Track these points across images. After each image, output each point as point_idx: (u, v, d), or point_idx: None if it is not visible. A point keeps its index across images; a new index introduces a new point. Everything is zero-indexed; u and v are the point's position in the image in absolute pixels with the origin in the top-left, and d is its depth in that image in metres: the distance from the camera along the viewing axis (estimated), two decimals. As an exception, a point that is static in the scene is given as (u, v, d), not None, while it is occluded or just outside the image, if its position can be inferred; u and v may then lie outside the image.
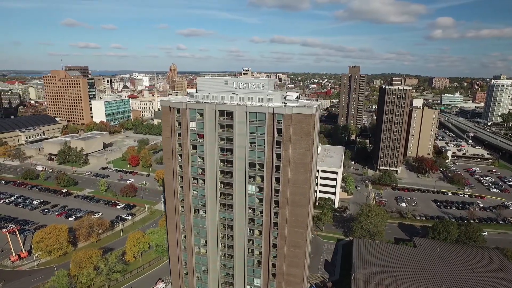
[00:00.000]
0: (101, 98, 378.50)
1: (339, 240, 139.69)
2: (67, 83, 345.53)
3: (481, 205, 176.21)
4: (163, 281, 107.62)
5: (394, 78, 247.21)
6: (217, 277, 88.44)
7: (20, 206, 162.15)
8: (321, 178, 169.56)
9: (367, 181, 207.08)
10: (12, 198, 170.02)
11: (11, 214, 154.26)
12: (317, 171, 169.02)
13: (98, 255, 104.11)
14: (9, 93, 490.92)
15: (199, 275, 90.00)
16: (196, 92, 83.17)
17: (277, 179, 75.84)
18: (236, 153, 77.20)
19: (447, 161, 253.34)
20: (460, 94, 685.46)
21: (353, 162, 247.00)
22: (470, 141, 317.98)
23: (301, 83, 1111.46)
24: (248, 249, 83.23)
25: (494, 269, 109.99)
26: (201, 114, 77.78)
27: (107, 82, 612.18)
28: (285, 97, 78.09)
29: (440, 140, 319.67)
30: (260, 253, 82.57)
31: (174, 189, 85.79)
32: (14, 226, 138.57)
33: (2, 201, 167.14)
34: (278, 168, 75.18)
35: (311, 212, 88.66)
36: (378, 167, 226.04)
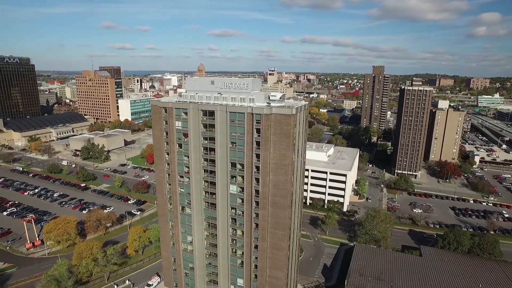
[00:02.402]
0: (128, 97, 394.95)
1: (343, 245, 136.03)
2: (97, 83, 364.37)
3: (506, 215, 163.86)
4: (159, 276, 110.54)
5: (414, 78, 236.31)
6: (204, 275, 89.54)
7: (42, 198, 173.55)
8: (330, 180, 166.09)
9: (381, 185, 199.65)
10: (36, 190, 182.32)
11: (33, 204, 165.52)
12: (326, 173, 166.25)
13: (98, 247, 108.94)
14: (47, 92, 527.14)
15: (186, 272, 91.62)
16: (186, 92, 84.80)
17: (258, 180, 75.45)
18: (218, 153, 77.79)
19: (474, 166, 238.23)
20: (500, 95, 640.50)
21: (370, 165, 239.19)
22: (504, 146, 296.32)
23: (330, 83, 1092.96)
24: (232, 248, 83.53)
25: (507, 285, 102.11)
26: (186, 113, 79.17)
27: (137, 82, 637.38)
28: (269, 97, 77.54)
29: (469, 144, 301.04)
30: (243, 253, 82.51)
31: (163, 186, 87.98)
32: (33, 215, 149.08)
33: (27, 193, 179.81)
34: (258, 168, 74.79)
35: (298, 215, 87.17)
36: (395, 170, 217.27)
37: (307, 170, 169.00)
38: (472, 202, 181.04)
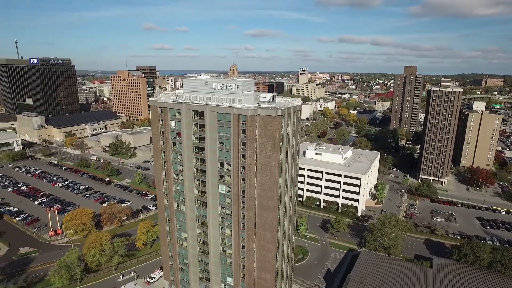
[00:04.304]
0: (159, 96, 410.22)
1: (351, 250, 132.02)
2: (129, 82, 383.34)
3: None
4: (162, 270, 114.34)
5: (443, 79, 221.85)
6: (197, 271, 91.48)
7: (69, 190, 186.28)
8: (344, 183, 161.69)
9: (402, 191, 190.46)
10: (66, 183, 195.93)
11: (61, 196, 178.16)
12: (340, 176, 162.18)
13: (107, 238, 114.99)
14: (87, 91, 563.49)
15: (182, 267, 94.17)
16: (183, 92, 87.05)
17: (244, 180, 75.71)
18: (208, 152, 79.15)
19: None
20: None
21: (394, 169, 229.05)
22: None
23: (365, 84, 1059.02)
24: (221, 247, 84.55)
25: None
26: (179, 113, 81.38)
27: (171, 81, 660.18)
28: (259, 98, 77.46)
29: (510, 150, 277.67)
30: (231, 253, 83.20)
31: (161, 183, 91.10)
32: (58, 206, 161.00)
33: (57, 184, 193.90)
34: (245, 169, 75.05)
35: (290, 217, 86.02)
36: (420, 176, 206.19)
37: (321, 172, 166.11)
38: (503, 213, 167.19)
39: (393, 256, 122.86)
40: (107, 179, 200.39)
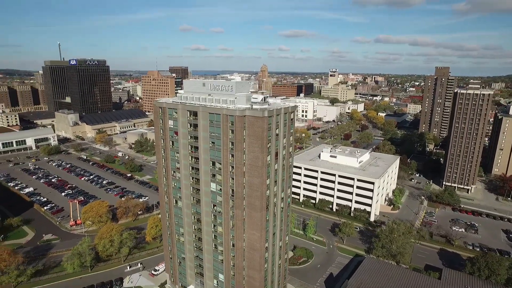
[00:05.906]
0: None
1: (357, 256, 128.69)
2: (159, 82, 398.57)
3: None
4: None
5: (471, 81, 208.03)
6: (193, 266, 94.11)
7: (93, 184, 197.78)
8: (357, 187, 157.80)
9: (422, 197, 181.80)
10: (91, 177, 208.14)
11: (85, 189, 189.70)
12: (353, 179, 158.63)
13: (117, 230, 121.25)
14: (121, 90, 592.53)
15: (180, 261, 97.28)
16: (184, 93, 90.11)
17: (234, 180, 76.95)
18: (201, 151, 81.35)
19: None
20: None
21: (418, 175, 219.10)
22: None
23: (399, 85, 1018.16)
24: (213, 244, 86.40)
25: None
26: (177, 113, 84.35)
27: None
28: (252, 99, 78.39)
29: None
30: (223, 250, 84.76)
31: (161, 179, 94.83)
32: (82, 198, 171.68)
33: (83, 178, 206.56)
34: (234, 168, 76.30)
35: (282, 218, 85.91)
36: (444, 182, 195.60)
37: (334, 175, 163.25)
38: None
39: (401, 264, 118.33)
40: (129, 175, 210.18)
